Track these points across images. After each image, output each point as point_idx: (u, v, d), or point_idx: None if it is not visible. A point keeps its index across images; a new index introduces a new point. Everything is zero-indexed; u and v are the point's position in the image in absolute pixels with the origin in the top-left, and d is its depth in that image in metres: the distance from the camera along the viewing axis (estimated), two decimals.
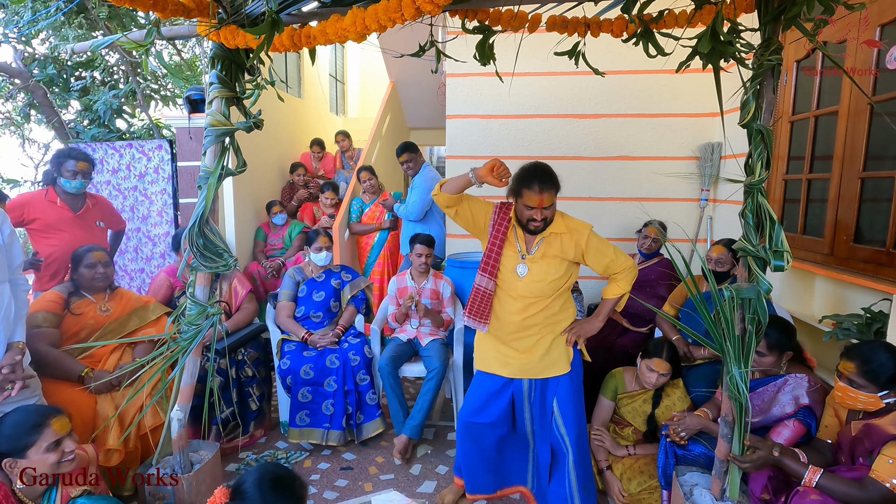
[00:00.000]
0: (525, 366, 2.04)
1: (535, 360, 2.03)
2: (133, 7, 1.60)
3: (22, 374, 1.85)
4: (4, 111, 5.89)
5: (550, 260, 1.96)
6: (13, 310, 1.89)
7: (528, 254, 1.97)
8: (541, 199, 1.85)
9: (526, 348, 2.03)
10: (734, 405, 1.68)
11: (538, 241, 1.98)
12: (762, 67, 1.55)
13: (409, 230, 3.86)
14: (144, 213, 3.89)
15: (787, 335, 2.01)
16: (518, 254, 1.98)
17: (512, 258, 1.98)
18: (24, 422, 1.56)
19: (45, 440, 1.55)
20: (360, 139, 6.02)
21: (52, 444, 1.56)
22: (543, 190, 1.84)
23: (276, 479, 1.36)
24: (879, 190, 2.25)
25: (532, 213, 1.89)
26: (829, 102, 2.50)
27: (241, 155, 2.13)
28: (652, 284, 3.03)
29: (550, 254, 1.96)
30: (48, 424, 1.58)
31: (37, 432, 1.55)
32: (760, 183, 1.60)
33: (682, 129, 3.64)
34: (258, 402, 2.80)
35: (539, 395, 2.05)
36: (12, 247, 1.96)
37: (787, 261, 1.56)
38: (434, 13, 1.56)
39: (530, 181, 1.85)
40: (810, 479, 1.61)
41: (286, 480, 1.38)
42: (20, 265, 2.00)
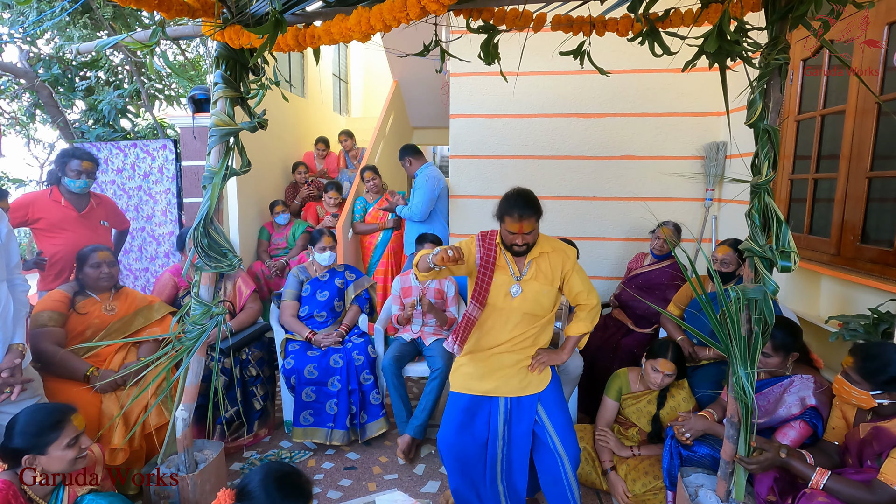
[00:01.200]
0: (505, 384, 2.03)
1: (515, 379, 2.03)
2: (138, 7, 1.60)
3: (21, 378, 1.85)
4: (10, 111, 5.92)
5: (542, 282, 1.99)
6: (11, 311, 1.89)
7: (521, 275, 2.00)
8: (521, 225, 1.88)
9: (510, 365, 2.03)
10: (740, 406, 1.66)
11: (528, 262, 2.00)
12: (769, 66, 1.54)
13: (413, 229, 3.86)
14: (149, 213, 3.90)
15: (793, 336, 2.00)
16: (511, 276, 2.00)
17: (505, 282, 2.00)
18: (46, 419, 1.59)
19: (66, 436, 1.58)
20: (363, 139, 6.03)
21: (72, 440, 1.59)
22: (523, 217, 1.88)
23: (281, 478, 1.35)
24: (887, 190, 2.24)
25: (514, 238, 1.93)
26: (836, 101, 2.49)
27: (246, 155, 2.13)
28: (661, 288, 3.01)
29: (541, 276, 1.99)
30: (69, 421, 1.61)
31: (59, 429, 1.58)
32: (767, 183, 1.58)
33: (687, 128, 3.62)
34: (262, 402, 2.81)
35: (516, 411, 2.04)
36: (10, 245, 1.95)
37: (794, 261, 1.55)
38: (439, 13, 1.56)
39: (511, 209, 1.89)
40: (818, 482, 1.60)
41: (292, 478, 1.37)
42: (18, 265, 2.00)
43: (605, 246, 3.83)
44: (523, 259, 2.01)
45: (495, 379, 2.04)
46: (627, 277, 3.22)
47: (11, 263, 1.95)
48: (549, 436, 2.00)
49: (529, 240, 1.94)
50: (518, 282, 1.98)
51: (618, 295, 3.24)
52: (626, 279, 3.23)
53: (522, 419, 2.03)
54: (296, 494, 1.35)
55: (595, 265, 3.84)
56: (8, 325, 1.87)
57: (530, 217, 1.89)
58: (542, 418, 2.03)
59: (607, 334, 3.08)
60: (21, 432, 1.55)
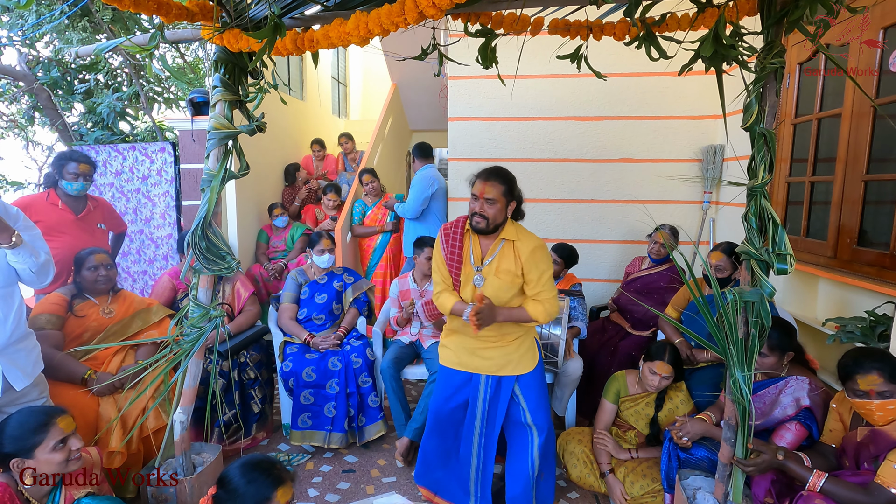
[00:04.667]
0: (486, 363, 2.09)
1: (495, 360, 2.08)
2: (137, 11, 1.60)
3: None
4: (9, 114, 5.92)
5: (503, 275, 1.98)
6: (42, 256, 1.89)
7: (482, 265, 2.01)
8: (483, 187, 1.90)
9: (488, 346, 2.08)
10: (737, 408, 1.67)
11: (492, 253, 2.01)
12: (765, 70, 1.55)
13: (411, 231, 3.87)
14: (147, 216, 3.89)
15: (788, 335, 2.01)
16: (472, 266, 2.03)
17: (470, 275, 2.03)
18: (30, 422, 1.58)
19: (51, 439, 1.57)
20: (362, 141, 6.04)
21: (59, 442, 1.58)
22: (488, 180, 1.91)
23: (256, 463, 1.43)
24: (883, 193, 2.25)
25: (475, 206, 1.94)
26: (832, 105, 2.50)
27: (244, 158, 2.13)
28: (659, 291, 3.02)
29: (503, 268, 1.99)
30: (54, 423, 1.59)
31: (43, 431, 1.56)
32: (763, 186, 1.59)
33: (685, 131, 3.64)
34: (260, 405, 2.80)
35: (494, 391, 2.10)
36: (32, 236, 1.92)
37: (790, 264, 1.56)
38: (437, 17, 1.56)
39: (481, 172, 1.95)
40: (815, 484, 1.61)
41: (266, 463, 1.44)
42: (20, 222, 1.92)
43: (602, 249, 3.84)
44: (488, 244, 2.02)
45: (477, 358, 2.10)
46: (626, 281, 3.23)
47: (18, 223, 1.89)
48: (522, 410, 2.09)
49: (490, 213, 1.92)
50: (478, 272, 2.01)
51: (616, 299, 3.25)
52: (624, 283, 3.24)
53: (500, 398, 2.10)
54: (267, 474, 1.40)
55: (593, 268, 3.85)
56: (40, 276, 1.89)
57: (495, 181, 1.91)
58: (517, 396, 2.10)
59: (605, 337, 3.08)
60: (9, 435, 1.55)
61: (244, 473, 1.39)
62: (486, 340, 2.08)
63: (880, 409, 1.61)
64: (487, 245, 2.03)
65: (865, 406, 1.63)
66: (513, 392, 2.10)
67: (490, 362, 2.09)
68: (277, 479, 1.41)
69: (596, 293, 3.82)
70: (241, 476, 1.39)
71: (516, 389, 2.10)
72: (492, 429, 2.12)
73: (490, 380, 2.09)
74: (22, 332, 1.88)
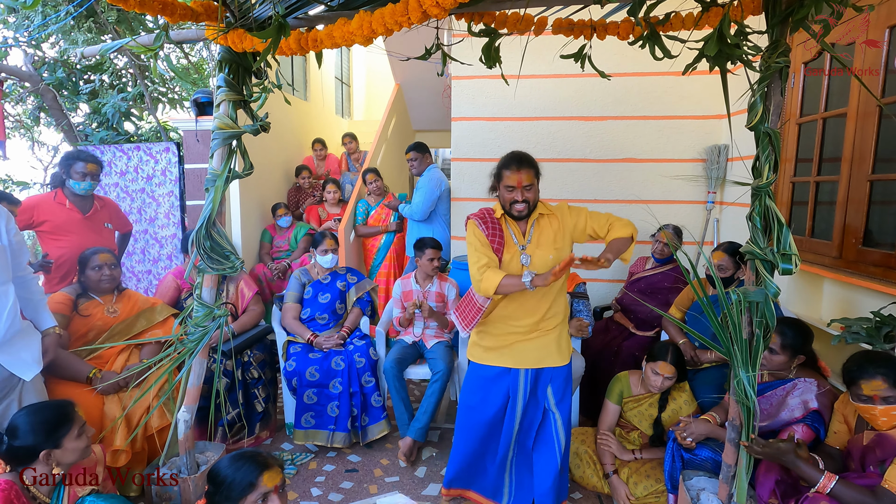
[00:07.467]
0: (524, 357, 2.06)
1: (535, 349, 2.05)
2: (142, 11, 1.61)
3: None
4: (14, 114, 5.96)
5: (545, 248, 1.99)
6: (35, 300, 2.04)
7: (527, 243, 2.00)
8: (519, 177, 1.90)
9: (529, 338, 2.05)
10: (741, 409, 1.66)
11: (530, 227, 2.01)
12: (770, 70, 1.54)
13: (414, 232, 3.87)
14: (152, 216, 3.91)
15: (803, 337, 1.98)
16: (517, 245, 2.01)
17: (515, 254, 2.00)
18: (54, 414, 1.63)
19: (76, 426, 1.64)
20: (365, 141, 6.05)
21: (80, 429, 1.66)
22: (521, 168, 1.91)
23: (242, 453, 1.46)
24: (889, 192, 2.23)
25: (514, 195, 1.93)
26: (838, 104, 2.49)
27: (248, 157, 2.14)
28: (663, 291, 3.00)
29: (543, 241, 2.00)
30: (75, 411, 1.67)
31: (69, 420, 1.64)
32: (768, 186, 1.59)
33: (689, 131, 3.62)
34: (264, 404, 2.81)
35: (532, 384, 2.07)
36: (20, 247, 2.00)
37: (795, 264, 1.55)
38: (440, 17, 1.57)
39: (509, 162, 1.94)
40: (825, 486, 1.59)
41: (250, 452, 1.46)
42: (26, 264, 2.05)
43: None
44: (525, 223, 2.02)
45: (515, 352, 2.06)
46: (629, 281, 3.22)
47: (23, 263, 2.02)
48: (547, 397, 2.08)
49: (530, 197, 1.94)
50: (524, 251, 1.99)
51: (619, 299, 3.24)
52: (627, 283, 3.23)
53: (538, 390, 2.07)
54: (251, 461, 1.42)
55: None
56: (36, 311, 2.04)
57: (528, 169, 1.91)
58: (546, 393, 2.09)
59: (609, 337, 3.07)
60: (32, 431, 1.58)
61: (230, 464, 1.42)
62: (526, 332, 2.04)
63: (884, 415, 1.60)
64: (524, 225, 2.03)
65: (870, 411, 1.62)
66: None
67: (529, 355, 2.05)
68: (262, 464, 1.42)
69: (599, 293, 3.81)
70: (228, 466, 1.41)
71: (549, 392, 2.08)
72: (530, 422, 2.09)
73: (529, 373, 2.07)
74: (17, 329, 1.91)
